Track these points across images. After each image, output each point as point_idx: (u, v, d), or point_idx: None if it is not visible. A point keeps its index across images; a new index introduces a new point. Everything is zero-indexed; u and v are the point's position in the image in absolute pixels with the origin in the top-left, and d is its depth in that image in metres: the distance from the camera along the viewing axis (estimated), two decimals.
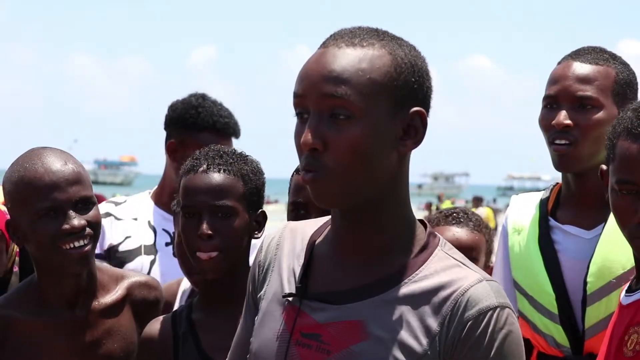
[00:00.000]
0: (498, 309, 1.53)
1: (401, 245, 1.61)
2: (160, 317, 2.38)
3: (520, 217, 2.60)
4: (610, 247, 2.39)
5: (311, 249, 1.68)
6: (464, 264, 1.60)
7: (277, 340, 1.62)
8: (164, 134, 3.42)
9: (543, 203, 2.56)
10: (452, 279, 1.56)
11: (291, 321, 1.61)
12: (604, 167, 2.09)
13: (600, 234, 2.43)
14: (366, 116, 1.54)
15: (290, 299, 1.63)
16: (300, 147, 1.58)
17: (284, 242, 1.73)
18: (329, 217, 1.70)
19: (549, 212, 2.54)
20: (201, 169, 2.27)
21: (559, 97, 2.44)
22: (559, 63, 2.51)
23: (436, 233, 1.65)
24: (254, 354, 1.66)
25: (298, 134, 1.58)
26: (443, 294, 1.54)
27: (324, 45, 1.60)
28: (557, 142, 2.43)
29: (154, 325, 2.35)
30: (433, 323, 1.53)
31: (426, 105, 1.61)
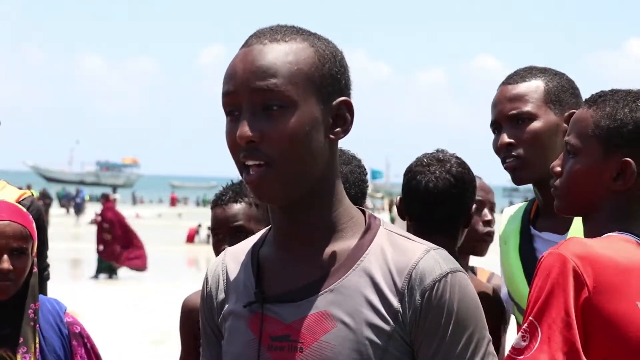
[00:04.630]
0: (449, 275, 1.58)
1: (345, 230, 1.64)
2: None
3: (507, 228, 2.70)
4: None
5: (257, 255, 1.70)
6: (408, 238, 1.64)
7: (247, 350, 1.63)
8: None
9: (526, 213, 2.67)
10: (401, 253, 1.60)
11: (257, 328, 1.63)
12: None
13: None
14: (299, 105, 1.58)
15: (251, 307, 1.64)
16: (235, 144, 1.59)
17: (227, 265, 1.74)
18: (267, 228, 1.73)
19: (530, 221, 2.63)
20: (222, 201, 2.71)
21: (498, 120, 2.60)
22: (497, 91, 2.65)
23: (375, 215, 1.69)
24: None
25: (231, 133, 1.60)
26: (396, 269, 1.58)
27: (247, 44, 1.63)
28: (507, 160, 2.58)
29: (196, 296, 2.61)
30: (393, 299, 1.57)
31: (349, 94, 1.66)
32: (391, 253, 1.60)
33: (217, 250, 2.88)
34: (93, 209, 38.20)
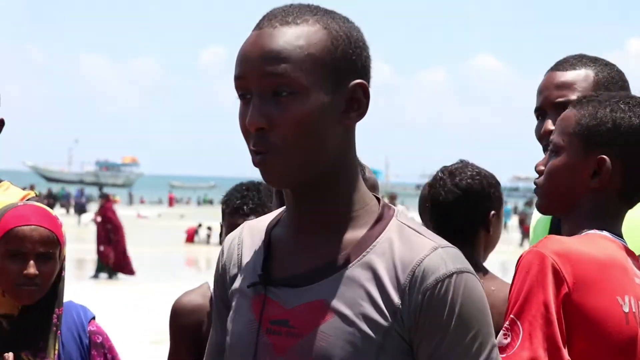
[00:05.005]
0: (455, 275, 1.53)
1: (356, 218, 1.61)
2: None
3: (538, 224, 2.67)
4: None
5: (269, 235, 1.68)
6: (419, 233, 1.59)
7: (247, 331, 1.62)
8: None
9: None
10: (409, 249, 1.56)
11: (259, 310, 1.61)
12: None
13: None
14: (309, 92, 1.54)
15: (256, 288, 1.63)
16: (246, 129, 1.58)
17: (244, 240, 1.72)
18: (284, 207, 1.70)
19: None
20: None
21: (543, 107, 2.56)
22: (544, 76, 2.62)
23: (390, 205, 1.65)
24: (227, 349, 1.67)
25: (242, 116, 1.58)
26: (401, 265, 1.55)
27: (259, 27, 1.60)
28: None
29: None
30: (394, 295, 1.54)
31: (366, 76, 1.61)
32: (399, 247, 1.57)
33: None
34: (93, 209, 38.15)
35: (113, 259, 18.90)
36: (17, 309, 2.61)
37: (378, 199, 1.66)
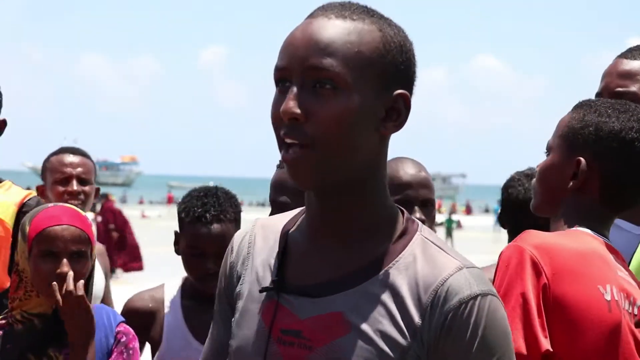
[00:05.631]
0: (479, 297, 1.48)
1: (379, 230, 1.55)
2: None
3: None
4: None
5: (285, 239, 1.61)
6: (443, 250, 1.54)
7: (256, 338, 1.56)
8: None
9: None
10: (432, 267, 1.51)
11: (270, 317, 1.55)
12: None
13: None
14: (352, 89, 1.48)
15: (267, 294, 1.57)
16: (278, 117, 1.50)
17: (255, 238, 1.66)
18: (300, 209, 1.65)
19: None
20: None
21: (603, 93, 2.50)
22: (613, 60, 2.54)
23: (414, 218, 1.60)
24: (233, 354, 1.60)
25: (276, 104, 1.51)
26: (423, 284, 1.49)
27: (312, 15, 1.54)
28: None
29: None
30: (415, 315, 1.48)
31: (410, 88, 1.55)
32: (422, 264, 1.51)
33: (197, 269, 2.90)
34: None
35: (117, 261, 18.86)
36: (50, 308, 2.66)
37: (402, 212, 1.60)
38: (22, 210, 3.20)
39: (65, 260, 2.62)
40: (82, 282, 2.61)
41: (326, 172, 1.50)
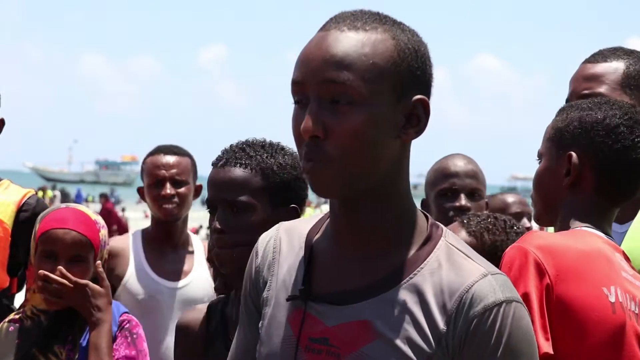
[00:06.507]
0: (504, 304, 1.49)
1: (404, 237, 1.56)
2: (196, 307, 2.41)
3: None
4: (636, 242, 2.43)
5: (310, 247, 1.62)
6: (468, 256, 1.55)
7: (285, 346, 1.57)
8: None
9: None
10: (457, 273, 1.51)
11: (297, 325, 1.56)
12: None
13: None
14: (368, 102, 1.48)
15: (295, 301, 1.58)
16: (299, 135, 1.52)
17: (281, 243, 1.67)
18: (324, 213, 1.66)
19: None
20: (220, 163, 2.26)
21: (571, 98, 2.54)
22: (579, 66, 2.58)
23: (438, 223, 1.60)
24: None
25: (297, 121, 1.52)
26: (448, 290, 1.50)
27: (325, 28, 1.54)
28: None
29: (187, 315, 2.38)
30: (440, 321, 1.49)
31: (428, 93, 1.55)
32: (447, 271, 1.51)
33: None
34: (94, 208, 38.12)
35: None
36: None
37: (427, 217, 1.60)
38: (22, 209, 3.20)
39: (63, 263, 2.72)
40: (73, 278, 2.70)
41: (347, 183, 1.51)
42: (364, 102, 1.48)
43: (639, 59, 2.53)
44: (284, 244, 1.66)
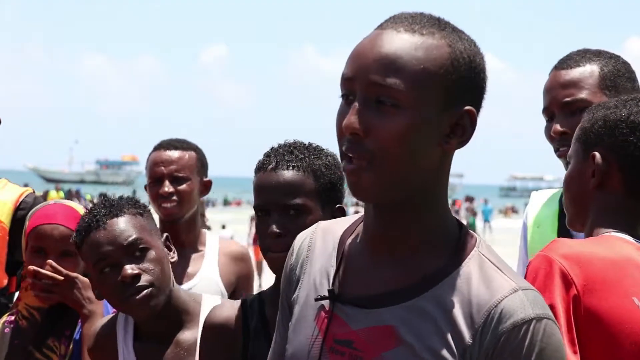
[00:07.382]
0: (534, 321, 1.45)
1: (437, 245, 1.54)
2: (226, 303, 2.35)
3: (541, 212, 2.65)
4: None
5: (342, 248, 1.62)
6: (500, 270, 1.51)
7: (310, 346, 1.57)
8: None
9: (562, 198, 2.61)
10: (487, 287, 1.48)
11: (324, 326, 1.56)
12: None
13: None
14: (414, 107, 1.46)
15: (323, 302, 1.58)
16: (341, 130, 1.50)
17: (315, 242, 1.67)
18: (359, 215, 1.66)
19: None
20: (270, 166, 2.22)
21: (550, 107, 2.54)
22: (548, 75, 2.58)
23: (473, 233, 1.58)
24: (287, 359, 1.62)
25: (341, 115, 1.50)
26: (476, 303, 1.47)
27: (382, 27, 1.52)
28: (561, 149, 2.51)
29: (221, 312, 2.30)
30: (466, 334, 1.46)
31: (478, 105, 1.52)
32: (477, 283, 1.49)
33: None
34: None
35: None
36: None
37: (461, 226, 1.58)
38: (19, 207, 3.19)
39: (52, 257, 2.75)
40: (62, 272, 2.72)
41: (385, 188, 1.49)
42: (409, 106, 1.46)
43: (609, 59, 2.54)
44: (318, 244, 1.66)
